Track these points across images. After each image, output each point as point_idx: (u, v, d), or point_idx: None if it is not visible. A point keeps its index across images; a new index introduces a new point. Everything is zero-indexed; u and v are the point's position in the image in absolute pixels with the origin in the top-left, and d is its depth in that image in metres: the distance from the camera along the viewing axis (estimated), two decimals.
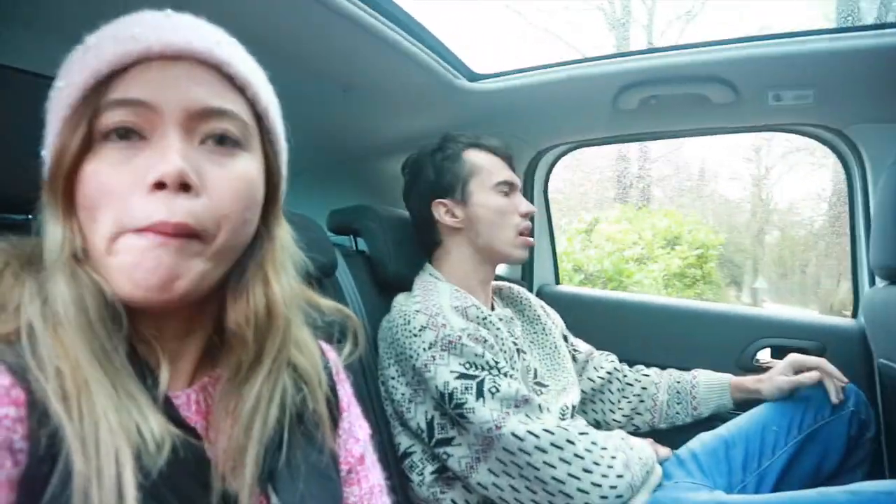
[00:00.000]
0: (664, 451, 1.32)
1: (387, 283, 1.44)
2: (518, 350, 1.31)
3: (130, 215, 0.51)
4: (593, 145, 2.04)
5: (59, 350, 0.48)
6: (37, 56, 0.78)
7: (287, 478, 0.60)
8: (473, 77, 1.58)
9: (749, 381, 1.44)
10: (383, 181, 1.97)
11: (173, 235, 0.51)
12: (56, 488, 0.44)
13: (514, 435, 1.08)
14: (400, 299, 1.31)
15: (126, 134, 0.53)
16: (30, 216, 0.58)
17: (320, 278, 1.20)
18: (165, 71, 0.53)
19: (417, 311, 1.21)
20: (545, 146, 1.96)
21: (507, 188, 1.37)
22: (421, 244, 1.44)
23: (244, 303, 0.59)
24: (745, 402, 1.43)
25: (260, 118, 0.61)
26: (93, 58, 0.52)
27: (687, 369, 1.53)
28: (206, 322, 0.63)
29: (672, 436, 1.44)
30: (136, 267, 0.51)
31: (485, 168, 1.36)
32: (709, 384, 1.47)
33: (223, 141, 0.56)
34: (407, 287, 1.36)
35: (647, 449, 1.22)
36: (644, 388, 1.51)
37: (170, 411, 0.56)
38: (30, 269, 0.53)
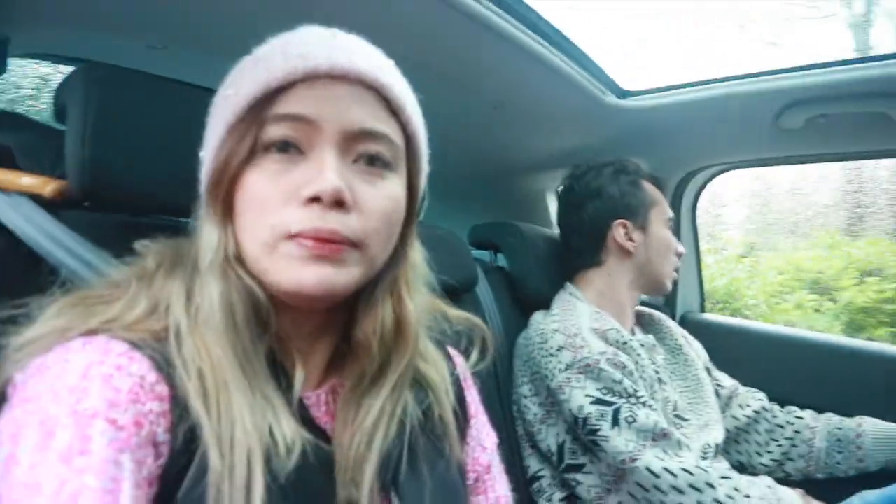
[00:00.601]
0: None
1: (525, 300, 1.43)
2: (659, 379, 1.25)
3: (285, 223, 0.53)
4: (749, 167, 1.91)
5: (201, 349, 0.52)
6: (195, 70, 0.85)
7: (412, 487, 0.61)
8: (623, 94, 1.54)
9: None
10: (525, 198, 1.96)
11: (328, 241, 0.53)
12: (191, 481, 0.47)
13: (649, 470, 1.03)
14: (538, 317, 1.30)
15: (285, 147, 0.55)
16: (187, 220, 0.62)
17: (459, 292, 1.21)
18: (329, 89, 0.55)
19: (555, 331, 1.19)
20: (696, 167, 1.85)
21: (671, 224, 1.39)
22: (571, 261, 1.41)
23: (374, 315, 0.61)
24: None
25: (409, 140, 0.62)
26: (263, 70, 0.55)
27: (848, 416, 1.38)
28: (335, 328, 0.65)
29: (829, 488, 1.28)
30: (298, 272, 0.53)
31: (660, 201, 1.39)
32: (877, 434, 1.31)
33: (374, 161, 0.58)
34: (545, 305, 1.35)
35: (796, 501, 1.12)
36: (797, 432, 1.38)
37: (302, 411, 0.58)
38: (179, 270, 0.57)
